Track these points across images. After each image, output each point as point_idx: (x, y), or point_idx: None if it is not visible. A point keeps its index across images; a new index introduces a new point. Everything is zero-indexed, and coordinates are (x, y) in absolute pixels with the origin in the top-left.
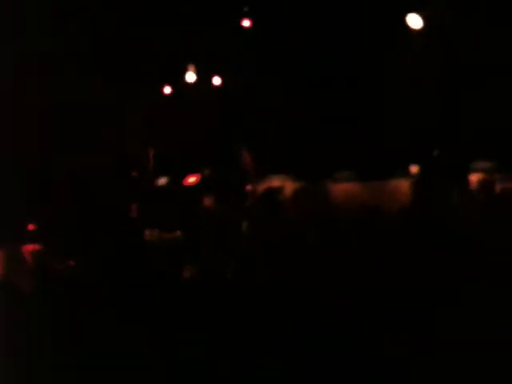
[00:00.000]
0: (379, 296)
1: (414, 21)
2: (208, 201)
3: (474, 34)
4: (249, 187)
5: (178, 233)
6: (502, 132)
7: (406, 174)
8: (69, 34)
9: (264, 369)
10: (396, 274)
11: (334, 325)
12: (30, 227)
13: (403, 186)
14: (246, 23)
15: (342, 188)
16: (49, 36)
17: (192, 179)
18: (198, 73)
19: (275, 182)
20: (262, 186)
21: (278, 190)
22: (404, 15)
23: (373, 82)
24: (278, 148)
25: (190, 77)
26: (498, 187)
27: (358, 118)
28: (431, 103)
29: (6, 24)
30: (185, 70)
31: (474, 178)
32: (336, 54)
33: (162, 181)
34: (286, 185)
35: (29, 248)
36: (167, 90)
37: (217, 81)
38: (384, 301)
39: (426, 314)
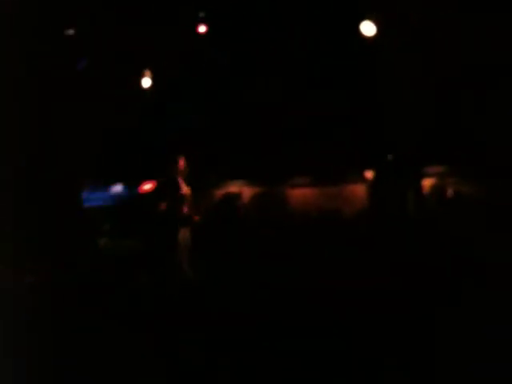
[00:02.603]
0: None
1: (368, 28)
2: (163, 206)
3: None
4: (184, 192)
5: (134, 239)
6: (454, 137)
7: (360, 178)
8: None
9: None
10: (351, 272)
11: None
12: None
13: (358, 190)
14: (202, 29)
15: (299, 193)
16: None
17: (147, 186)
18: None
19: (233, 187)
20: (219, 192)
21: (237, 196)
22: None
23: (326, 92)
24: (235, 154)
25: (146, 82)
26: (450, 191)
27: (314, 125)
28: (385, 110)
29: None
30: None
31: (427, 182)
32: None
33: (117, 188)
34: (244, 190)
35: None
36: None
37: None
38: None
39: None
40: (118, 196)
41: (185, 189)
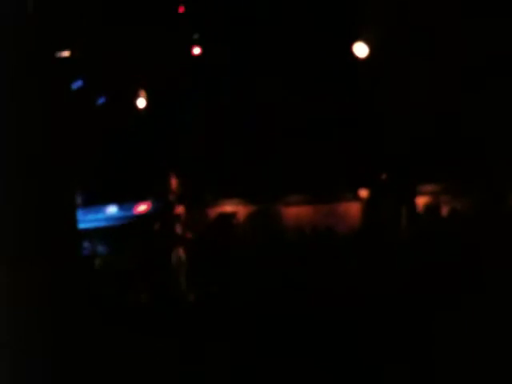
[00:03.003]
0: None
1: (360, 49)
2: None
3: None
4: (177, 212)
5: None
6: (447, 155)
7: (355, 197)
8: None
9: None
10: (347, 288)
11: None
12: None
13: (353, 208)
14: (197, 51)
15: (294, 211)
16: None
17: (142, 207)
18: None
19: (228, 207)
20: (214, 211)
21: (232, 215)
22: None
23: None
24: (230, 173)
25: (141, 102)
26: (445, 209)
27: (308, 143)
28: (378, 128)
29: None
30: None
31: (421, 200)
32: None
33: (112, 209)
34: (239, 209)
35: None
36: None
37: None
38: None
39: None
40: (112, 217)
41: (178, 208)
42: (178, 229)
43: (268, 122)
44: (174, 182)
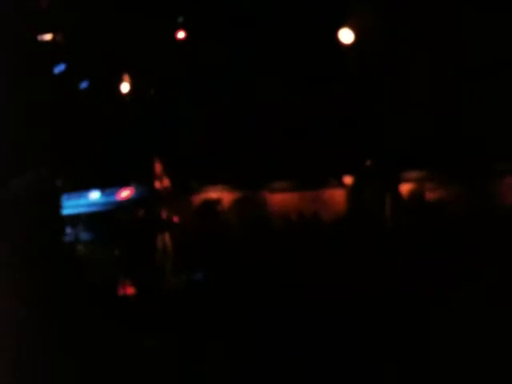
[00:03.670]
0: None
1: (346, 35)
2: (141, 213)
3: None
4: (161, 197)
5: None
6: (432, 142)
7: (340, 183)
8: None
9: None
10: (332, 274)
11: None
12: None
13: (338, 195)
14: (181, 35)
15: (279, 197)
16: None
17: (125, 193)
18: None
19: (212, 193)
20: (198, 198)
21: (217, 202)
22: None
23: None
24: (215, 159)
25: (125, 87)
26: (429, 196)
27: (293, 130)
28: (362, 115)
29: None
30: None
31: (406, 187)
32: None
33: (94, 194)
34: (224, 195)
35: None
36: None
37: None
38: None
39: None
40: (95, 203)
41: (162, 194)
42: (163, 215)
43: (252, 109)
44: (157, 168)
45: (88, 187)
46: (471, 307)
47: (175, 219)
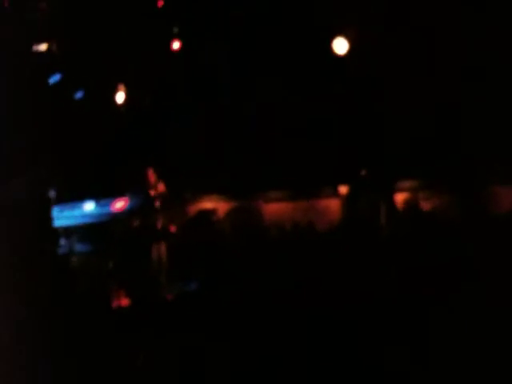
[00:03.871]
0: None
1: (340, 46)
2: (136, 223)
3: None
4: (157, 209)
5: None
6: (427, 151)
7: (335, 193)
8: None
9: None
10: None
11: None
12: None
13: (333, 204)
14: (176, 45)
15: (274, 207)
16: None
17: (120, 203)
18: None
19: (208, 203)
20: (193, 208)
21: (212, 212)
22: None
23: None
24: (210, 169)
25: (120, 97)
26: (424, 205)
27: (288, 140)
28: (356, 125)
29: None
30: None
31: (400, 196)
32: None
33: (89, 206)
34: (219, 205)
35: None
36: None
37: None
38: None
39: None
40: (89, 214)
41: (156, 205)
42: (158, 226)
43: (247, 118)
44: (152, 179)
45: (83, 198)
46: (466, 316)
47: (172, 229)
